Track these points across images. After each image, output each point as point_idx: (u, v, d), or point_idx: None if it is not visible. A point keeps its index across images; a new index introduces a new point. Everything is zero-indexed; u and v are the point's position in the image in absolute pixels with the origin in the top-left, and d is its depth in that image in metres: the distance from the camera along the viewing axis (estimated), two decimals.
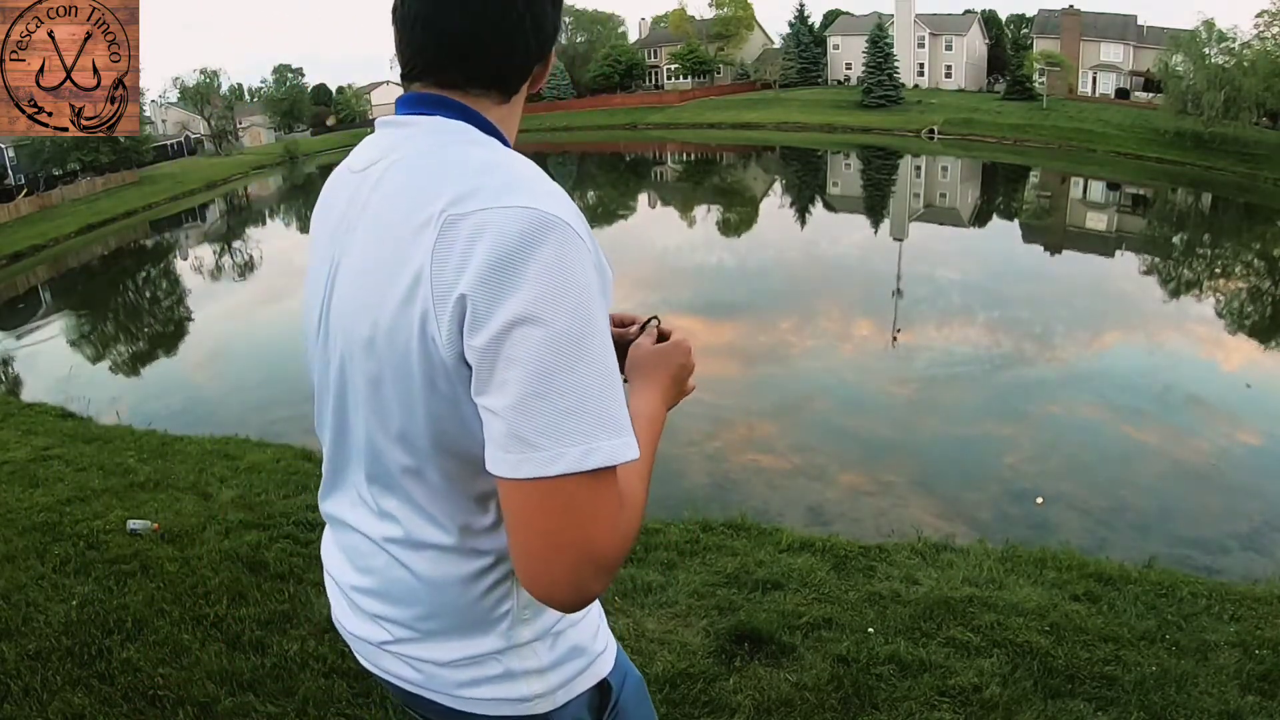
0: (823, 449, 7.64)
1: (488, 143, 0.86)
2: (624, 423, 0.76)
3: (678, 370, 1.03)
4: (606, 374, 0.75)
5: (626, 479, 0.80)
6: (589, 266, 0.77)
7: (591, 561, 0.75)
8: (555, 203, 0.77)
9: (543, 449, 0.73)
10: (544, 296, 0.73)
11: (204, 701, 2.37)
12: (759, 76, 56.55)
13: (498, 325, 0.73)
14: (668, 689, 2.47)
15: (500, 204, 0.76)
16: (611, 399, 0.75)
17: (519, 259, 0.73)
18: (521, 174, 0.80)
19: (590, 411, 0.73)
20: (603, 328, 0.77)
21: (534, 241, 0.74)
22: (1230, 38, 33.88)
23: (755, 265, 17.57)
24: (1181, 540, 5.84)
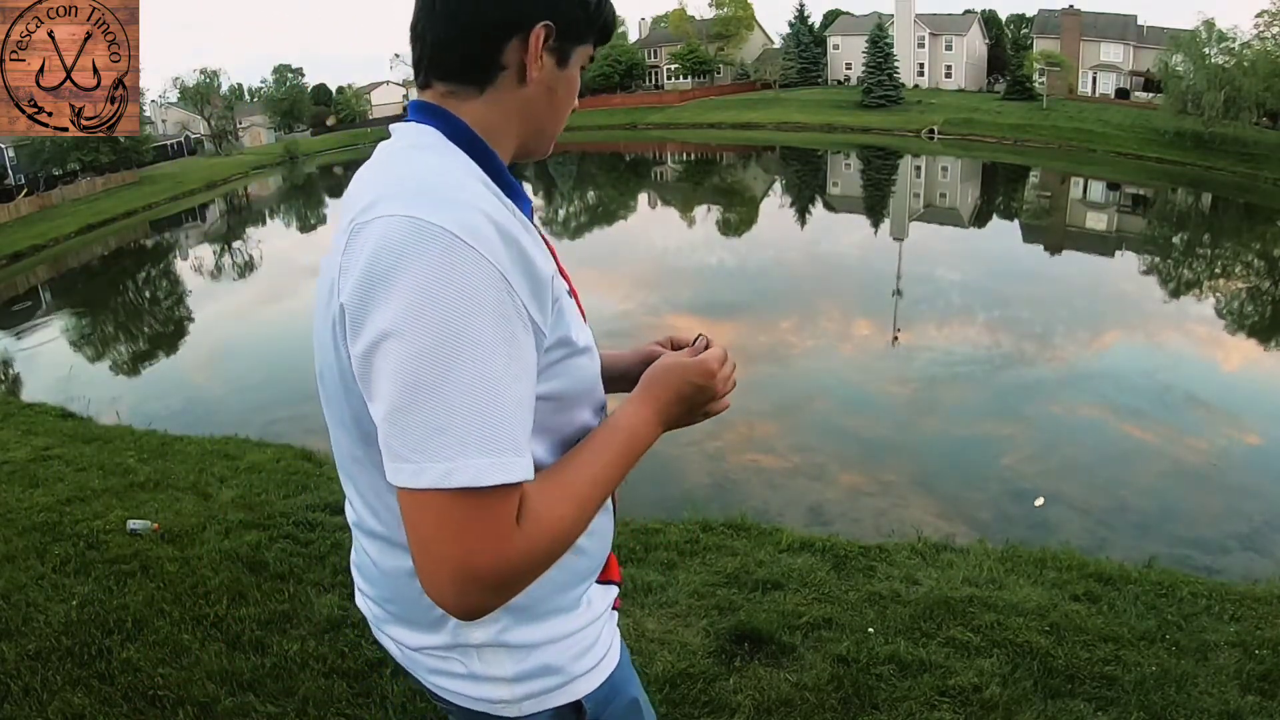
0: (823, 449, 7.64)
1: (434, 147, 0.84)
2: (502, 442, 0.72)
3: (689, 390, 0.96)
4: (482, 391, 0.72)
5: (544, 496, 0.78)
6: (477, 279, 0.72)
7: (470, 578, 0.73)
8: (446, 212, 0.74)
9: (410, 461, 0.72)
10: (411, 310, 0.71)
11: (204, 701, 2.38)
12: (759, 76, 56.54)
13: (368, 337, 0.73)
14: (668, 689, 2.47)
15: (389, 213, 0.74)
16: (487, 417, 0.72)
17: (390, 270, 0.72)
18: (431, 182, 0.78)
19: (456, 429, 0.71)
20: (488, 342, 0.72)
21: (407, 253, 0.72)
22: (1230, 38, 33.89)
23: (755, 265, 17.57)
24: (1181, 540, 5.84)
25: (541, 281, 0.78)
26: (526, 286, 0.76)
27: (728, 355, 1.02)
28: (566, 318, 0.85)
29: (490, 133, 0.88)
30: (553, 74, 0.89)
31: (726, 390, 1.00)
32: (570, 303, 0.90)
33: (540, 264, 0.79)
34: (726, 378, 1.00)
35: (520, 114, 0.90)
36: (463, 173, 0.81)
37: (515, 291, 0.75)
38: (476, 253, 0.73)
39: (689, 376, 0.96)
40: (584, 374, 0.90)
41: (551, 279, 0.81)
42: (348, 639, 2.69)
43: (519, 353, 0.75)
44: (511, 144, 0.92)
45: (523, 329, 0.76)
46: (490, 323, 0.73)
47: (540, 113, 0.91)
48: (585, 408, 0.92)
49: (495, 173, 0.87)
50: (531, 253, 0.78)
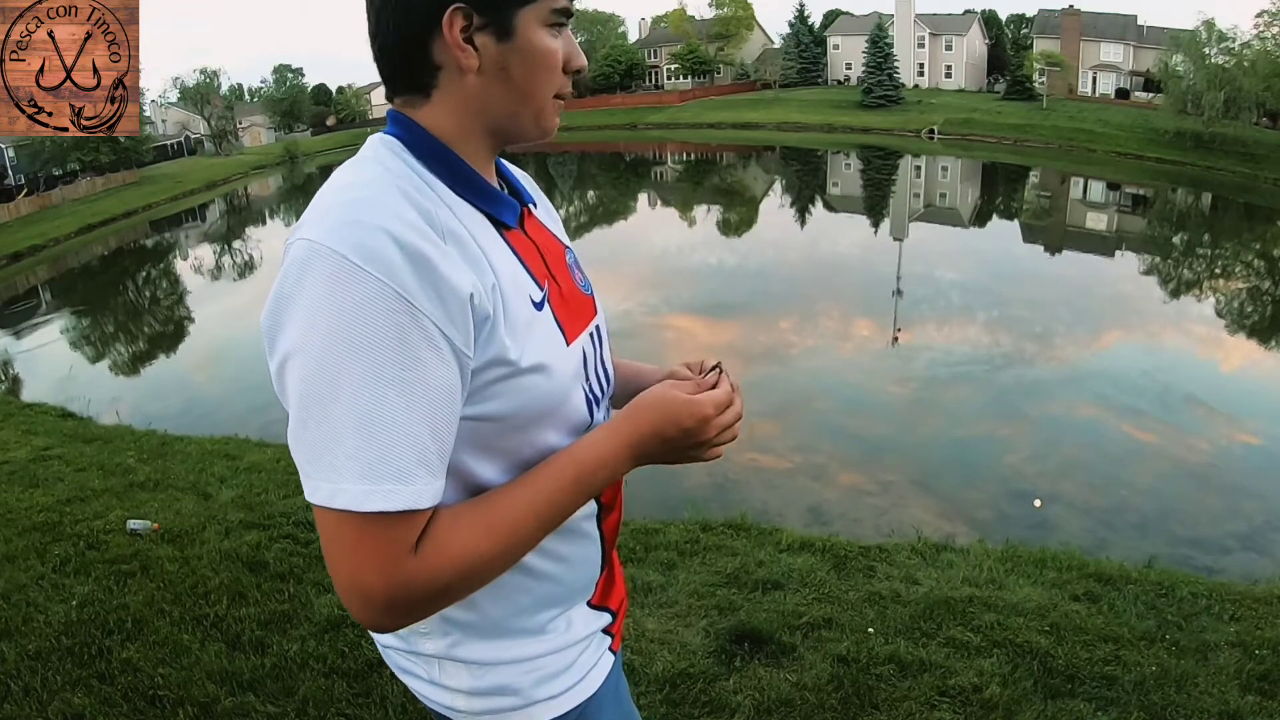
0: (823, 449, 7.64)
1: (372, 159, 0.82)
2: (389, 470, 0.71)
3: (673, 432, 0.87)
4: (365, 417, 0.71)
5: (458, 525, 0.77)
6: (367, 302, 0.70)
7: (362, 597, 0.74)
8: (342, 234, 0.72)
9: (308, 476, 0.74)
10: (303, 333, 0.72)
11: (204, 701, 2.38)
12: (759, 76, 56.54)
13: (276, 358, 0.75)
14: (668, 689, 2.47)
15: (299, 235, 0.75)
16: (369, 444, 0.71)
17: (290, 294, 0.73)
18: (341, 201, 0.76)
19: (341, 452, 0.71)
20: (375, 366, 0.71)
21: (302, 275, 0.72)
22: (1230, 38, 33.91)
23: (755, 265, 17.57)
24: (1181, 540, 5.84)
25: (459, 300, 0.74)
26: (438, 307, 0.73)
27: (734, 400, 0.91)
28: (504, 335, 0.79)
29: (452, 134, 0.84)
30: (497, 52, 0.82)
31: (722, 440, 0.90)
32: (538, 316, 0.85)
33: (457, 282, 0.74)
34: (725, 426, 0.90)
35: (476, 108, 0.84)
36: (388, 187, 0.77)
37: (421, 313, 0.72)
38: (369, 275, 0.71)
39: (677, 417, 0.87)
40: (535, 394, 0.83)
41: (472, 296, 0.75)
42: (348, 639, 2.69)
43: (421, 375, 0.72)
44: (483, 140, 0.87)
45: (430, 350, 0.73)
46: (381, 345, 0.71)
47: (501, 98, 0.84)
48: (547, 429, 0.86)
49: (460, 179, 0.84)
50: (446, 271, 0.74)
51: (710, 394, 0.89)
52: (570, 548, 0.93)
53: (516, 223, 0.90)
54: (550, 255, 0.93)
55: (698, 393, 0.89)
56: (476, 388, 0.79)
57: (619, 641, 1.07)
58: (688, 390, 0.90)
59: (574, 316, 0.93)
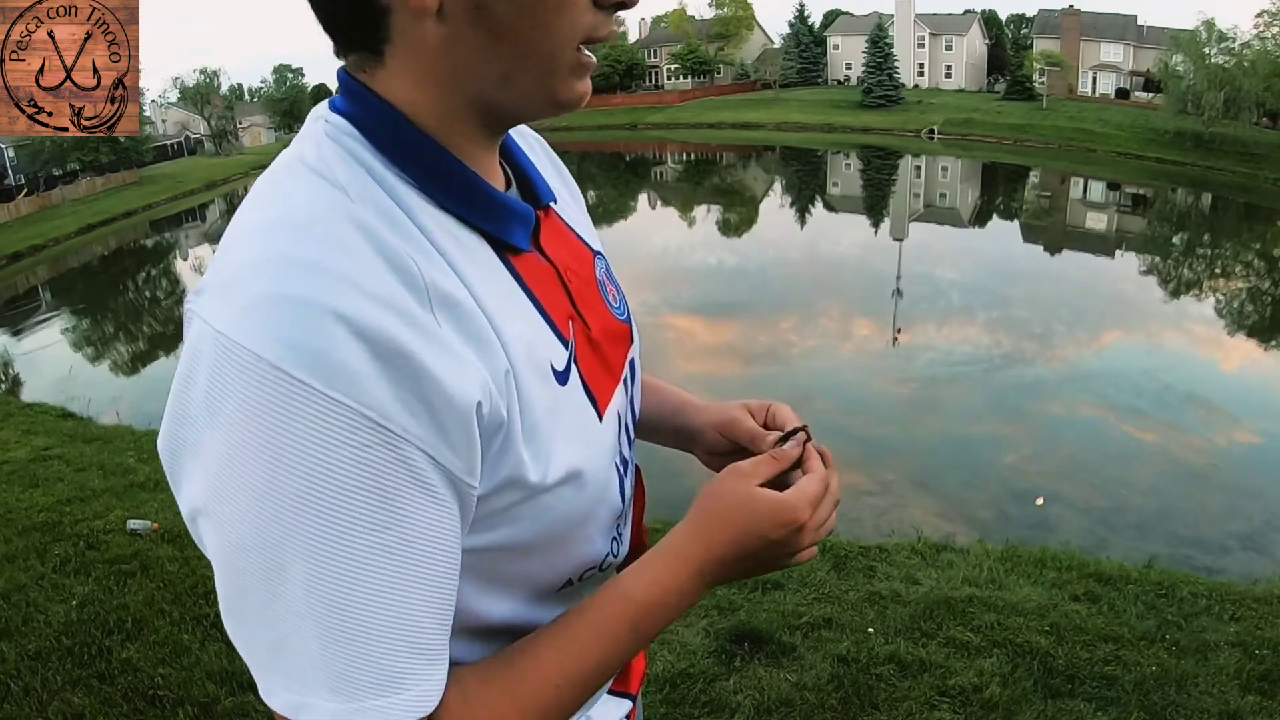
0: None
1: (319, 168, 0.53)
2: (375, 679, 0.49)
3: (755, 544, 0.63)
4: (343, 606, 0.48)
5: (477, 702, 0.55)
6: (320, 434, 0.46)
7: None
8: (264, 325, 0.46)
9: (257, 675, 0.52)
10: (219, 488, 0.48)
11: (204, 701, 2.38)
12: (759, 76, 56.55)
13: (185, 507, 0.51)
14: (668, 689, 2.47)
15: (203, 312, 0.49)
16: (352, 643, 0.48)
17: (192, 416, 0.48)
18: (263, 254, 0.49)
19: (305, 656, 0.49)
20: (336, 531, 0.47)
21: (210, 392, 0.47)
22: (1230, 38, 33.96)
23: (755, 265, 17.58)
24: (1181, 540, 5.84)
25: (460, 413, 0.49)
26: (427, 426, 0.48)
27: (830, 485, 0.66)
28: (521, 447, 0.55)
29: (421, 114, 0.56)
30: None
31: (814, 541, 0.65)
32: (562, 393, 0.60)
33: (458, 387, 0.49)
34: (819, 525, 0.65)
35: (446, 70, 0.54)
36: (338, 226, 0.50)
37: (403, 438, 0.48)
38: (317, 393, 0.45)
39: (761, 528, 0.62)
40: (563, 510, 0.59)
41: (479, 406, 0.50)
42: None
43: (407, 534, 0.49)
44: (468, 116, 0.57)
45: (419, 493, 0.49)
46: (346, 502, 0.47)
47: (479, 53, 0.54)
48: (579, 541, 0.64)
49: (448, 184, 0.57)
50: (440, 372, 0.48)
51: (803, 490, 0.64)
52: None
53: (530, 241, 0.62)
54: (576, 279, 0.66)
55: (778, 472, 0.66)
56: (481, 516, 0.55)
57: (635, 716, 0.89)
58: (763, 475, 0.65)
59: (606, 367, 0.67)
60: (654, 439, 0.86)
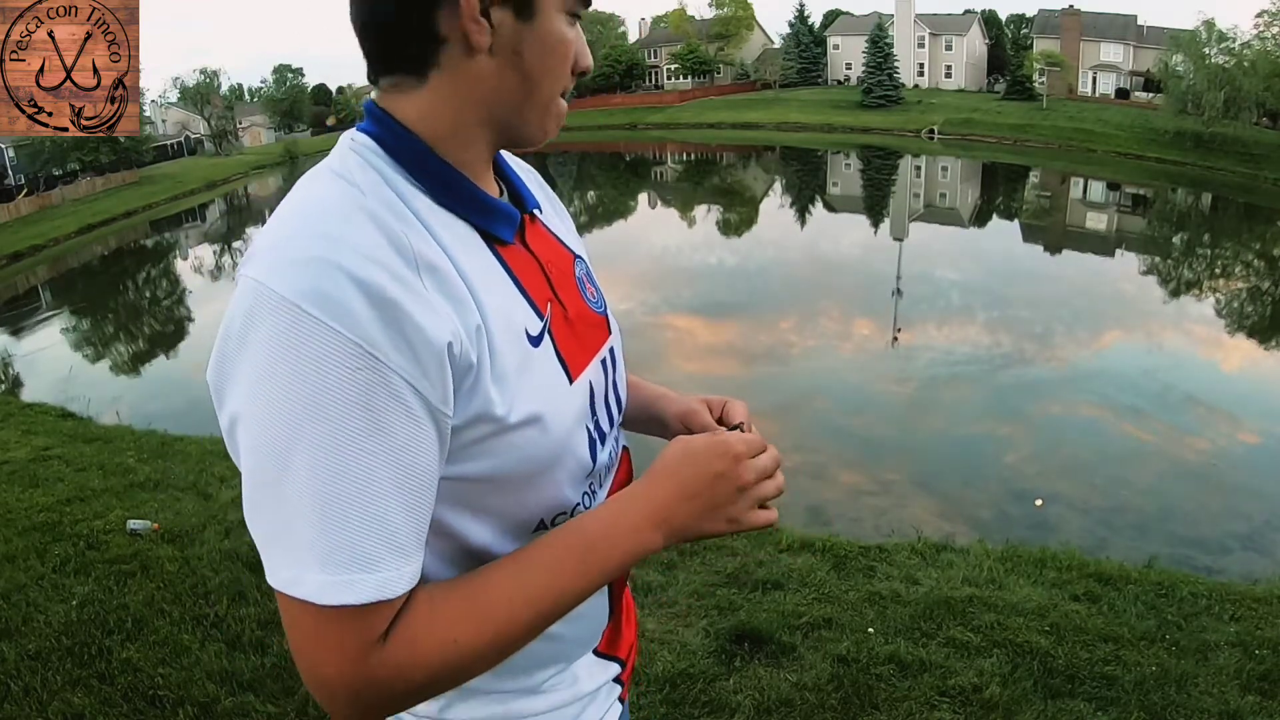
0: (823, 448, 7.64)
1: (342, 173, 0.69)
2: (354, 557, 0.62)
3: (698, 481, 0.74)
4: (333, 495, 0.61)
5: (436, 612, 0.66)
6: (325, 356, 0.60)
7: (323, 690, 0.65)
8: (291, 274, 0.61)
9: (266, 556, 0.64)
10: (250, 394, 0.62)
11: (204, 701, 2.38)
12: (759, 76, 56.54)
13: (225, 420, 0.66)
14: (668, 689, 2.47)
15: (245, 269, 0.65)
16: (327, 528, 0.61)
17: (233, 346, 0.63)
18: (293, 231, 0.65)
19: (301, 536, 0.62)
20: (333, 434, 0.60)
21: (247, 326, 0.62)
22: (1230, 38, 33.92)
23: (755, 265, 17.58)
24: (1181, 540, 5.84)
25: (434, 350, 0.63)
26: (408, 358, 0.62)
27: (767, 445, 0.78)
28: (489, 387, 0.68)
29: (445, 127, 0.72)
30: (513, 32, 0.70)
31: (761, 491, 0.76)
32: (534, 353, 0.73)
33: (434, 330, 0.63)
34: (761, 470, 0.76)
35: (479, 96, 0.72)
36: (350, 212, 0.66)
37: (388, 367, 0.61)
38: (324, 325, 0.60)
39: (699, 463, 0.74)
40: (528, 451, 0.72)
41: (450, 345, 0.64)
42: None
43: (389, 444, 0.62)
44: (481, 134, 0.74)
45: (401, 412, 0.62)
46: (342, 411, 0.60)
47: (509, 87, 0.72)
48: (545, 485, 0.75)
49: (446, 187, 0.72)
50: (419, 317, 0.62)
51: (736, 434, 0.77)
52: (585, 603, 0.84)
53: (514, 236, 0.77)
54: (556, 271, 0.81)
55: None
56: (458, 447, 0.68)
57: (628, 690, 0.99)
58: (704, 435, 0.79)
59: (581, 344, 0.81)
60: (637, 428, 0.97)
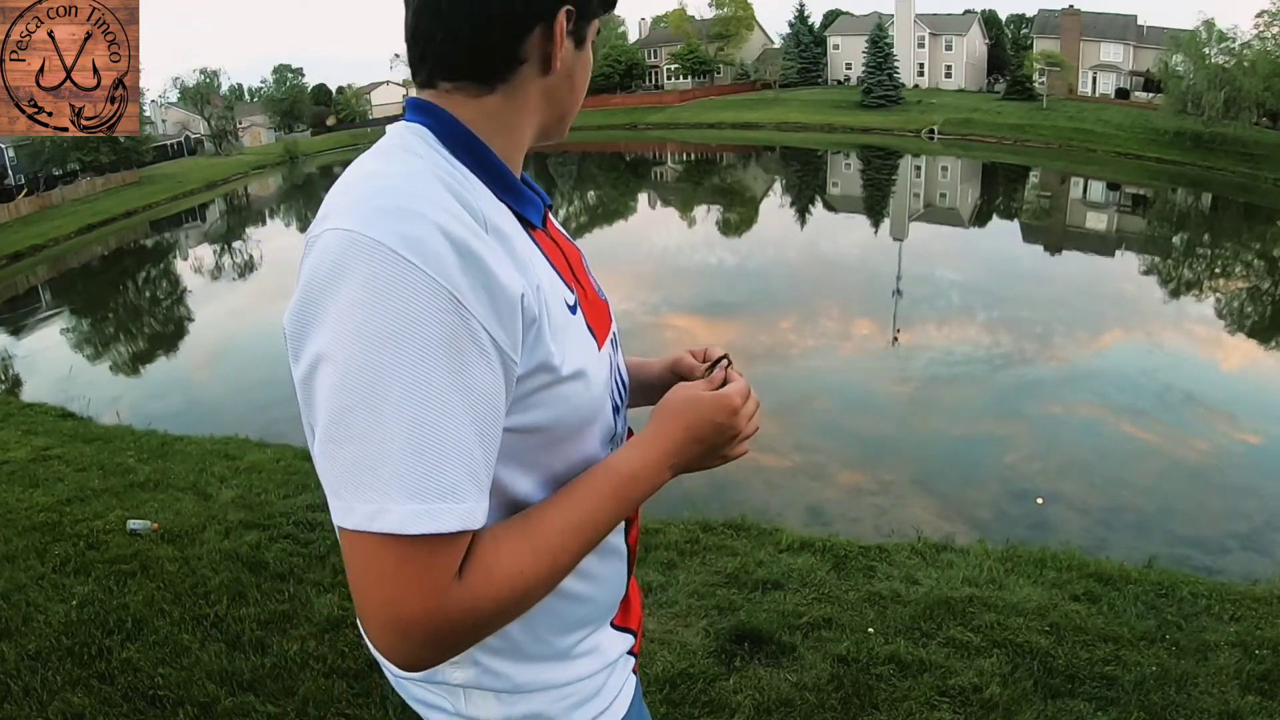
0: (823, 448, 7.64)
1: (406, 148, 0.77)
2: (434, 487, 0.65)
3: (707, 430, 0.86)
4: (415, 428, 0.64)
5: (501, 546, 0.71)
6: (416, 298, 0.65)
7: (400, 630, 0.67)
8: (385, 224, 0.66)
9: (340, 498, 0.66)
10: (341, 333, 0.65)
11: (204, 701, 2.38)
12: (759, 76, 56.54)
13: (304, 364, 0.68)
14: (668, 689, 2.47)
15: (329, 225, 0.68)
16: (419, 458, 0.64)
17: (321, 289, 0.66)
18: (380, 189, 0.70)
19: (384, 469, 0.64)
20: (426, 370, 0.65)
21: (339, 269, 0.66)
22: (1230, 38, 33.92)
23: (755, 265, 17.58)
24: (1181, 540, 5.84)
25: (509, 301, 0.69)
26: (487, 307, 0.68)
27: (751, 391, 0.91)
28: (549, 340, 0.75)
29: (500, 128, 0.81)
30: (571, 57, 0.83)
31: (749, 431, 0.89)
32: (573, 320, 0.82)
33: (507, 281, 0.69)
34: (751, 415, 0.89)
35: (541, 105, 0.84)
36: (426, 176, 0.72)
37: (470, 313, 0.66)
38: (417, 268, 0.65)
39: (708, 414, 0.85)
40: (575, 403, 0.80)
41: (523, 297, 0.71)
42: (348, 639, 2.69)
43: (470, 383, 0.67)
44: (528, 136, 0.85)
45: (479, 356, 0.67)
46: (431, 348, 0.65)
47: (563, 100, 0.86)
48: (584, 440, 0.83)
49: (492, 173, 0.80)
50: (495, 268, 0.69)
51: (733, 386, 0.88)
52: (600, 564, 0.89)
53: (542, 223, 0.86)
54: (573, 258, 0.91)
55: (714, 388, 0.88)
56: (519, 396, 0.74)
57: (638, 663, 1.04)
58: (705, 388, 0.89)
59: (600, 322, 0.90)
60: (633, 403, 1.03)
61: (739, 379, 0.90)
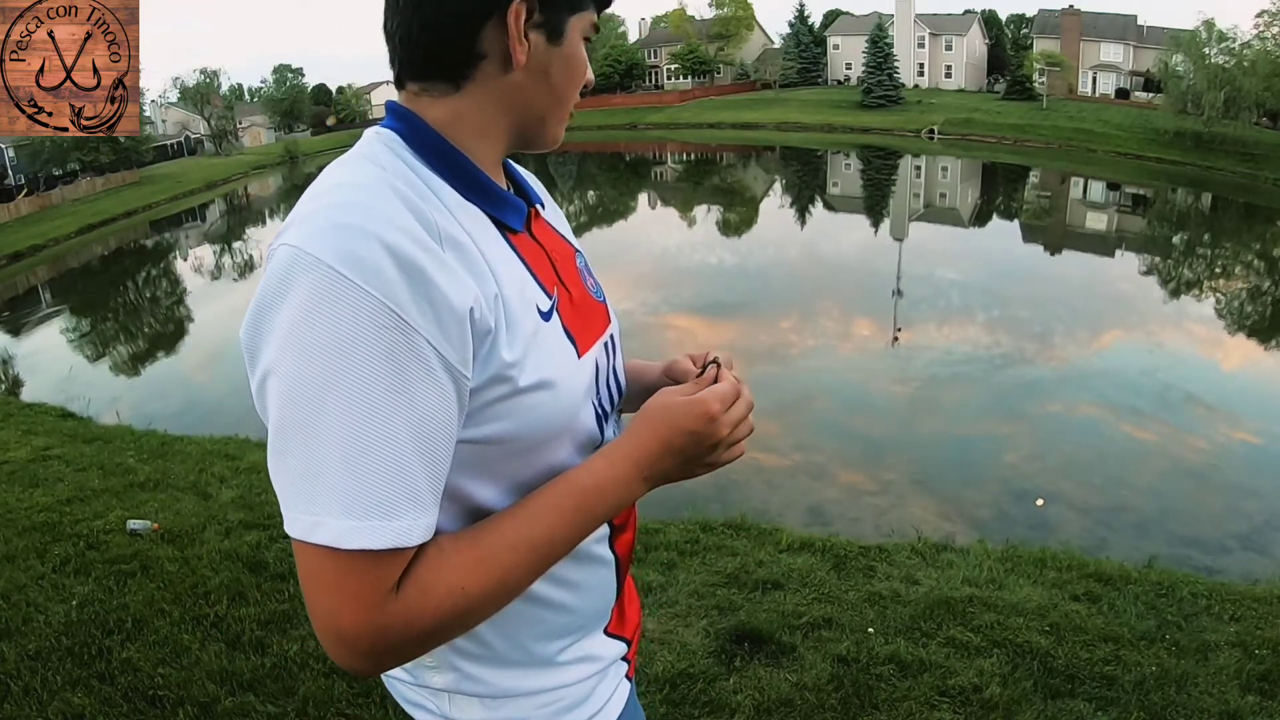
0: (823, 448, 7.64)
1: (366, 156, 0.76)
2: (374, 503, 0.66)
3: (680, 440, 0.80)
4: (349, 445, 0.65)
5: (443, 562, 0.71)
6: (353, 316, 0.64)
7: (339, 639, 0.68)
8: (328, 240, 0.66)
9: (286, 507, 0.68)
10: (285, 348, 0.66)
11: (204, 701, 2.38)
12: (759, 76, 56.55)
13: (257, 375, 0.69)
14: (668, 689, 2.47)
15: (281, 240, 0.69)
16: (353, 475, 0.65)
17: (269, 305, 0.67)
18: (330, 203, 0.70)
19: (324, 483, 0.65)
20: (362, 387, 0.65)
21: (283, 286, 0.66)
22: (1230, 38, 33.92)
23: (755, 265, 17.58)
24: (1181, 540, 5.84)
25: (455, 314, 0.68)
26: (431, 321, 0.67)
27: (741, 392, 0.84)
28: (503, 351, 0.73)
29: (468, 131, 0.79)
30: (544, 53, 0.78)
31: (735, 437, 0.83)
32: (544, 326, 0.79)
33: (455, 294, 0.68)
34: (735, 421, 0.82)
35: (509, 105, 0.80)
36: (380, 189, 0.71)
37: (413, 328, 0.66)
38: (354, 285, 0.65)
39: (681, 422, 0.80)
40: (541, 413, 0.77)
41: (471, 311, 0.69)
42: None
43: (412, 399, 0.66)
44: (501, 139, 0.82)
45: (422, 371, 0.67)
46: (371, 365, 0.65)
47: (536, 100, 0.81)
48: (553, 449, 0.80)
49: (464, 178, 0.78)
50: (442, 283, 0.68)
51: (713, 389, 0.82)
52: (582, 573, 0.87)
53: (523, 226, 0.84)
54: (560, 260, 0.88)
55: (697, 392, 0.82)
56: (476, 408, 0.73)
57: (634, 668, 1.02)
58: (685, 392, 0.83)
59: (586, 326, 0.86)
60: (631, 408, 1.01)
61: (728, 381, 0.83)
